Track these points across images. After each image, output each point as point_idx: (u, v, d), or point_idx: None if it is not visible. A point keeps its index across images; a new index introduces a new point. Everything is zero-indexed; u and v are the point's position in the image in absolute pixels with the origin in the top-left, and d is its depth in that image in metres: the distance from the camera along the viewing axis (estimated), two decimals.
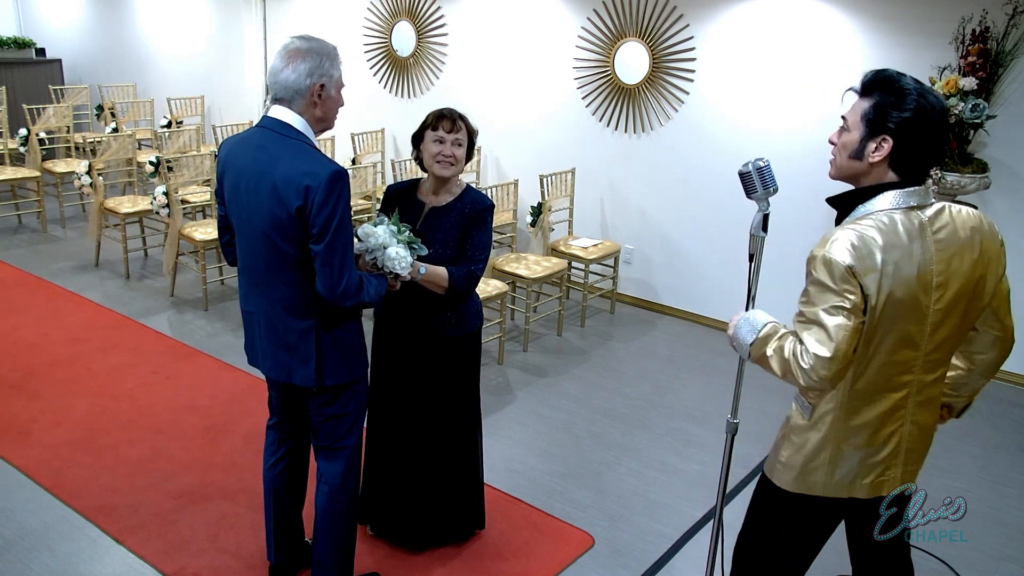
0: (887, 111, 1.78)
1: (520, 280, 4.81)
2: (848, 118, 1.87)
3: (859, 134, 1.83)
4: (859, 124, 1.83)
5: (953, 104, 3.99)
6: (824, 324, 1.75)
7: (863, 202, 1.84)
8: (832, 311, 1.75)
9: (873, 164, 1.82)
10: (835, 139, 1.91)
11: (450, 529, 2.97)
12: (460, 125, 2.66)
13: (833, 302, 1.75)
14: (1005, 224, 4.47)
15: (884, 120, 1.79)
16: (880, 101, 1.80)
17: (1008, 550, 3.19)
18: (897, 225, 1.79)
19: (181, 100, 7.80)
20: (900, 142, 1.78)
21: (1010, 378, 4.67)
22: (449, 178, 2.70)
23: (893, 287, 1.77)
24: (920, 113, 1.76)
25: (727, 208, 5.14)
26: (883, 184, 1.83)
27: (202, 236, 5.11)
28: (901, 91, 1.78)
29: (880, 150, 1.80)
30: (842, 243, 1.75)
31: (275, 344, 2.32)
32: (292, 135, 2.18)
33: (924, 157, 1.81)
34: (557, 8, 5.67)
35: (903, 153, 1.79)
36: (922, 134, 1.78)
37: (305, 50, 2.17)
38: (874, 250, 1.75)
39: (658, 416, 4.12)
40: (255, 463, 3.34)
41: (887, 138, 1.79)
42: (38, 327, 4.74)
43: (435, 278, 2.57)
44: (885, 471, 2.01)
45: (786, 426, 2.04)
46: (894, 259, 1.76)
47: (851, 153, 1.85)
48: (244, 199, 2.21)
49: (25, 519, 3.04)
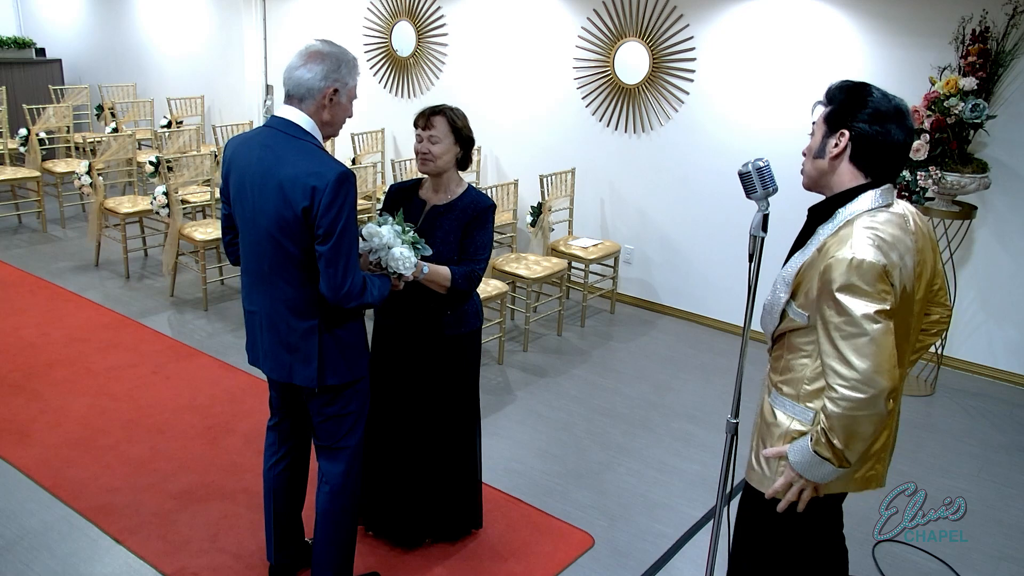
0: (845, 110, 1.86)
1: (520, 280, 4.81)
2: (815, 125, 1.94)
3: (820, 134, 1.91)
4: (821, 126, 1.91)
5: (953, 104, 3.99)
6: (868, 333, 1.70)
7: (842, 205, 1.87)
8: (875, 317, 1.70)
9: (834, 159, 1.87)
10: (806, 149, 1.97)
11: (447, 527, 2.97)
12: (434, 121, 2.63)
13: (873, 307, 1.71)
14: (1005, 224, 4.48)
15: (841, 117, 1.86)
16: (839, 103, 1.88)
17: (1008, 550, 3.19)
18: (892, 221, 1.82)
19: (181, 100, 7.80)
20: (857, 134, 1.84)
21: (1010, 378, 4.67)
22: (439, 175, 2.69)
23: (905, 281, 1.80)
24: (876, 107, 1.82)
25: (727, 208, 5.14)
26: (859, 186, 1.86)
27: (202, 236, 5.11)
28: (859, 93, 1.86)
29: (838, 144, 1.86)
30: (867, 243, 1.74)
31: (277, 344, 2.32)
32: (299, 135, 2.18)
33: (883, 150, 1.84)
34: (557, 8, 5.67)
35: (861, 146, 1.84)
36: (876, 125, 1.82)
37: (326, 53, 2.18)
38: (894, 246, 1.77)
39: (658, 416, 4.12)
40: (255, 463, 3.34)
41: (844, 132, 1.85)
42: (38, 327, 4.74)
43: (437, 278, 2.57)
44: (876, 464, 2.01)
45: (775, 434, 1.98)
46: (903, 253, 1.80)
47: (814, 154, 1.92)
48: (249, 198, 2.21)
49: (25, 519, 3.04)
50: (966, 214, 4.30)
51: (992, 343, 4.70)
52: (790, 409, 1.97)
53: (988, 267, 4.59)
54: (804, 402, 1.94)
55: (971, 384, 4.66)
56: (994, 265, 4.57)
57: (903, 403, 4.48)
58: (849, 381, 1.72)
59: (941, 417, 4.27)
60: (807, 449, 1.84)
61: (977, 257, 4.61)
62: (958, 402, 4.44)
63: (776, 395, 2.01)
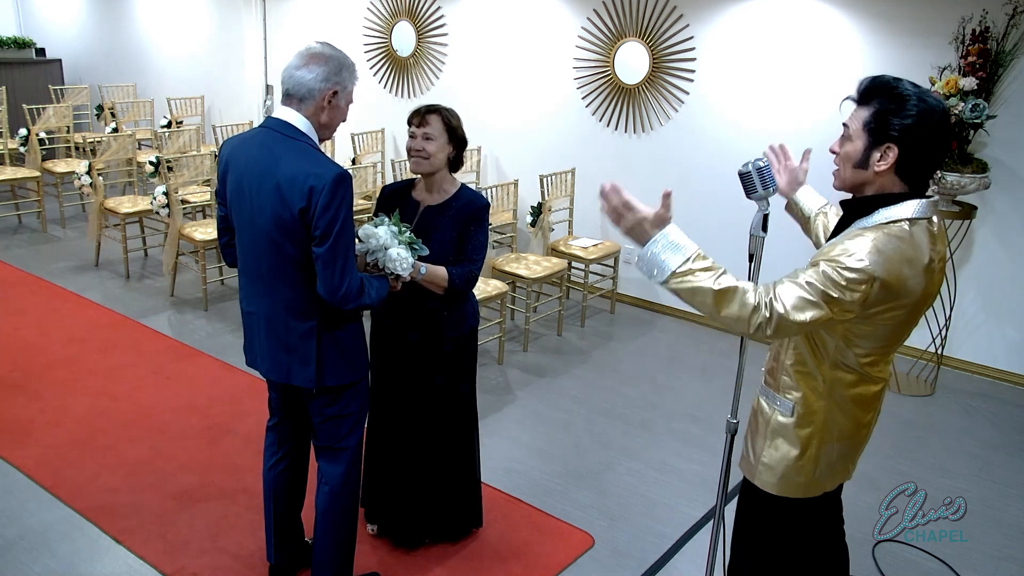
0: (889, 118, 1.75)
1: (520, 280, 4.81)
2: (850, 126, 1.83)
3: (862, 143, 1.79)
4: (861, 133, 1.79)
5: (953, 104, 3.99)
6: (809, 297, 1.69)
7: (885, 206, 1.80)
8: (824, 295, 1.70)
9: (879, 173, 1.79)
10: (836, 148, 1.87)
11: (447, 527, 2.97)
12: (428, 119, 2.63)
13: (831, 290, 1.70)
14: (1005, 224, 4.48)
15: (887, 128, 1.75)
16: (881, 108, 1.76)
17: (1008, 550, 3.19)
18: (922, 238, 1.77)
19: (181, 100, 7.80)
20: (905, 149, 1.75)
21: (1010, 378, 4.67)
22: (431, 175, 2.68)
23: (910, 294, 1.77)
24: (923, 118, 1.73)
25: (727, 208, 5.13)
26: (905, 193, 1.80)
27: (202, 236, 5.11)
28: (901, 96, 1.75)
29: (885, 159, 1.77)
30: (876, 251, 1.71)
31: (275, 345, 2.32)
32: (296, 136, 2.18)
33: (930, 162, 1.79)
34: (557, 8, 5.66)
35: (909, 160, 1.76)
36: (927, 139, 1.75)
37: (327, 55, 2.18)
38: (905, 262, 1.73)
39: (658, 416, 4.12)
40: (255, 463, 3.34)
41: (892, 146, 1.75)
42: (38, 327, 4.74)
43: (435, 278, 2.57)
44: (849, 463, 2.02)
45: (764, 425, 2.00)
46: (918, 270, 1.75)
47: (855, 163, 1.82)
48: (247, 199, 2.21)
49: (25, 519, 3.04)
50: (966, 214, 4.30)
51: (992, 343, 4.70)
52: (772, 399, 1.99)
53: (988, 267, 4.59)
54: (783, 392, 1.95)
55: (971, 384, 4.66)
56: (994, 265, 4.57)
57: (903, 403, 4.50)
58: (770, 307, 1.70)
59: (941, 417, 4.27)
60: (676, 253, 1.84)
61: (977, 257, 4.61)
62: (958, 402, 4.44)
63: (762, 386, 2.04)
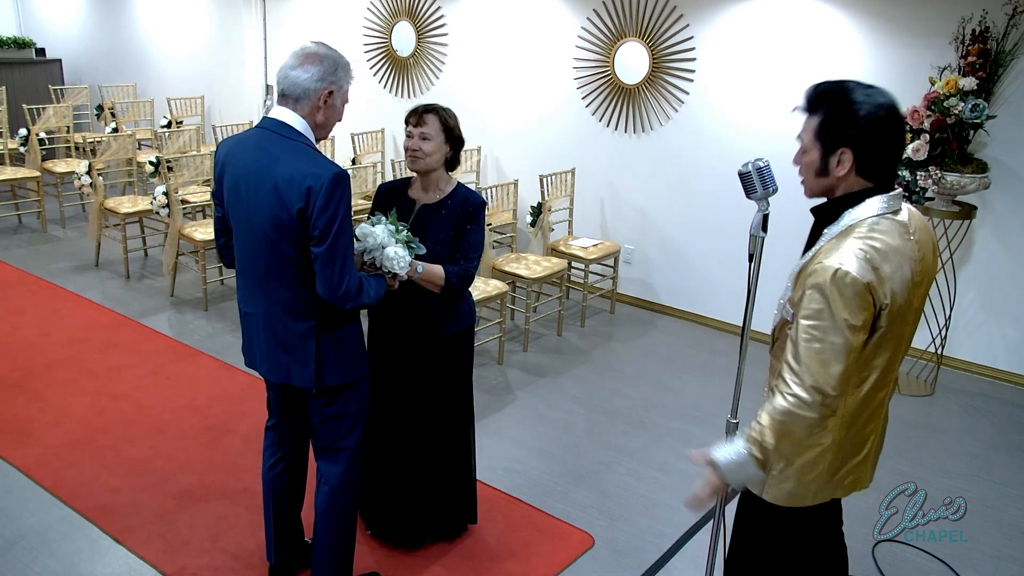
0: (837, 124, 1.78)
1: (520, 280, 4.81)
2: (803, 138, 1.86)
3: (818, 152, 1.83)
4: (815, 143, 1.83)
5: (953, 104, 3.99)
6: (830, 341, 1.72)
7: (849, 208, 1.83)
8: (842, 329, 1.72)
9: (841, 177, 1.82)
10: (798, 160, 1.90)
11: (443, 525, 2.97)
12: (426, 119, 2.63)
13: (846, 319, 1.72)
14: (1005, 224, 4.48)
15: (837, 134, 1.78)
16: (827, 115, 1.80)
17: (1008, 550, 3.19)
18: (893, 230, 1.79)
19: (181, 100, 7.80)
20: (860, 150, 1.78)
21: (1010, 378, 4.67)
22: (428, 173, 2.69)
23: (899, 292, 1.78)
24: (870, 117, 1.75)
25: (727, 208, 5.14)
26: (866, 190, 1.82)
27: (202, 236, 5.11)
28: (845, 100, 1.77)
29: (843, 163, 1.79)
30: (855, 257, 1.73)
31: (274, 345, 2.32)
32: (293, 136, 2.17)
33: (888, 157, 1.81)
34: (557, 8, 5.66)
35: (866, 159, 1.79)
36: (878, 137, 1.78)
37: (322, 55, 2.18)
38: (884, 260, 1.75)
39: (658, 416, 4.12)
40: (255, 463, 3.34)
41: (846, 150, 1.78)
42: (38, 327, 4.74)
43: (431, 277, 2.57)
44: (861, 469, 2.02)
45: None
46: (898, 265, 1.77)
47: (816, 171, 1.85)
48: (244, 200, 2.20)
49: (25, 519, 3.04)
50: (966, 214, 4.30)
51: (992, 343, 4.70)
52: None
53: (988, 267, 4.59)
54: None
55: (971, 384, 4.66)
56: (994, 265, 4.57)
57: (903, 403, 4.50)
58: (802, 380, 1.74)
59: (941, 417, 4.27)
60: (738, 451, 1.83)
61: (977, 257, 4.61)
62: (958, 402, 4.44)
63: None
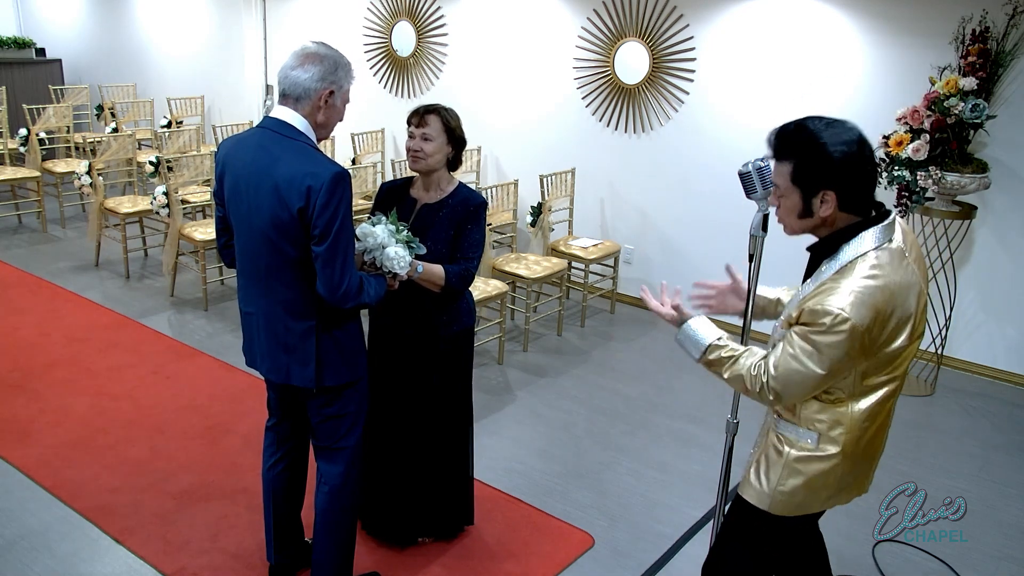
0: (812, 169, 1.79)
1: (520, 280, 4.81)
2: (779, 184, 1.86)
3: (798, 196, 1.83)
4: (792, 188, 1.83)
5: (953, 104, 3.99)
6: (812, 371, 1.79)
7: (846, 242, 1.84)
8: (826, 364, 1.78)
9: (826, 217, 1.83)
10: (775, 202, 1.91)
11: (439, 524, 2.98)
12: (428, 119, 2.64)
13: (832, 359, 1.77)
14: (1005, 224, 4.48)
15: (814, 177, 1.79)
16: (801, 161, 1.80)
17: (1008, 550, 3.19)
18: (894, 262, 1.80)
19: (181, 100, 7.80)
20: (841, 189, 1.78)
21: (1010, 378, 4.67)
22: (429, 173, 2.69)
23: (905, 322, 1.80)
24: (844, 155, 1.76)
25: (727, 208, 5.13)
26: (857, 224, 1.83)
27: (202, 236, 5.11)
28: (815, 143, 1.77)
29: (827, 203, 1.80)
30: (858, 302, 1.74)
31: (274, 345, 2.32)
32: (293, 135, 2.17)
33: (867, 189, 1.82)
34: (557, 8, 5.66)
35: (848, 196, 1.80)
36: (856, 171, 1.78)
37: (322, 55, 2.18)
38: (888, 301, 1.76)
39: (658, 416, 4.12)
40: (255, 463, 3.34)
41: (827, 191, 1.79)
42: (38, 327, 4.74)
43: (431, 276, 2.57)
44: (865, 477, 2.02)
45: (784, 457, 1.97)
46: (903, 299, 1.79)
47: (798, 214, 1.86)
48: (244, 199, 2.20)
49: (25, 519, 3.04)
50: (966, 214, 4.30)
51: (992, 343, 4.70)
52: (791, 431, 1.96)
53: (988, 267, 4.59)
54: (805, 424, 1.93)
55: (971, 384, 4.66)
56: (994, 265, 4.57)
57: (903, 403, 4.50)
58: (772, 377, 1.86)
59: (941, 417, 4.27)
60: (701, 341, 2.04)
61: (977, 257, 4.61)
62: (958, 402, 4.44)
63: (778, 420, 2.00)
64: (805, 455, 1.93)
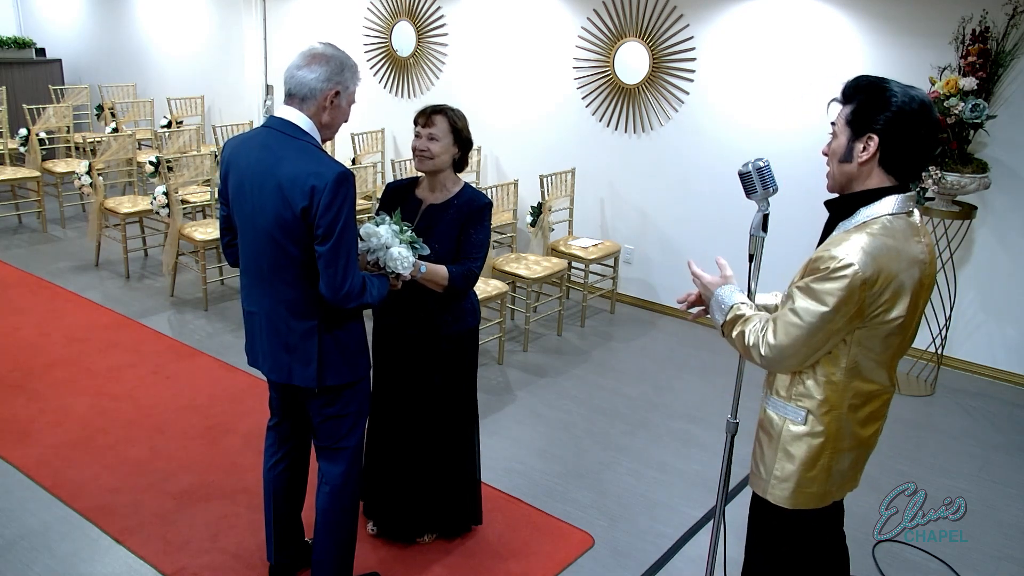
0: (868, 111, 1.81)
1: (520, 280, 4.81)
2: (836, 123, 1.89)
3: (845, 137, 1.85)
4: (844, 128, 1.86)
5: (953, 104, 3.99)
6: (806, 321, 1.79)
7: (864, 205, 1.85)
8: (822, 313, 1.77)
9: (862, 164, 1.83)
10: (826, 149, 1.92)
11: (446, 524, 2.98)
12: (434, 120, 2.65)
13: (832, 302, 1.76)
14: (1005, 224, 4.48)
15: (867, 120, 1.81)
16: (861, 103, 1.83)
17: (1008, 550, 3.19)
18: (906, 231, 1.81)
19: (181, 100, 7.80)
20: (886, 139, 1.80)
21: (1010, 378, 4.67)
22: (435, 173, 2.69)
23: (907, 289, 1.80)
24: (902, 108, 1.78)
25: (727, 208, 5.14)
26: (884, 188, 1.84)
27: (202, 236, 5.11)
28: (880, 90, 1.81)
29: (867, 149, 1.82)
30: (862, 250, 1.75)
31: (276, 345, 2.32)
32: (298, 135, 2.18)
33: (913, 153, 1.83)
34: (557, 8, 5.66)
35: (891, 150, 1.81)
36: (907, 128, 1.79)
37: (329, 56, 2.18)
38: (892, 259, 1.77)
39: (658, 416, 4.12)
40: (255, 463, 3.34)
41: (872, 136, 1.80)
42: (38, 327, 4.74)
43: (435, 276, 2.58)
44: (857, 472, 2.02)
45: (775, 438, 1.98)
46: (907, 266, 1.79)
47: (840, 157, 1.87)
48: (248, 199, 2.21)
49: (25, 519, 3.04)
50: (966, 214, 4.30)
51: (992, 343, 4.70)
52: (781, 409, 1.96)
53: (988, 267, 4.59)
54: (794, 401, 1.93)
55: (971, 384, 4.66)
56: (994, 265, 4.57)
57: (903, 403, 4.50)
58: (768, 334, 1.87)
59: (941, 417, 4.27)
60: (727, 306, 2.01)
61: (977, 257, 4.61)
62: (958, 402, 4.44)
63: (769, 396, 2.01)
64: (794, 434, 1.94)
